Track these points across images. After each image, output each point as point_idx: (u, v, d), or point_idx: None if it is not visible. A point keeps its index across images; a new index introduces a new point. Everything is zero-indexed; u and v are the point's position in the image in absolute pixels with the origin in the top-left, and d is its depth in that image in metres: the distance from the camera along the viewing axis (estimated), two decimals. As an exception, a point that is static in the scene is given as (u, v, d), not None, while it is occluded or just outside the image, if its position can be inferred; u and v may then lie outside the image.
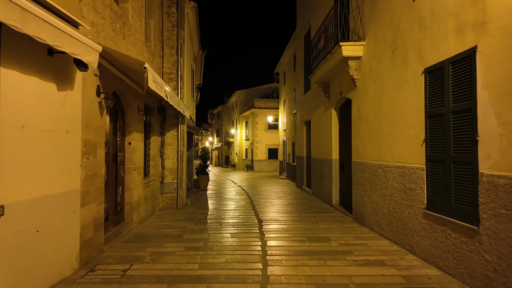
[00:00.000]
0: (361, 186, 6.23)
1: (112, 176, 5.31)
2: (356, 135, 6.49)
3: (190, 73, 10.92)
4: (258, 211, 7.83)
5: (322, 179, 9.15)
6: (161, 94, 4.79)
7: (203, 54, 12.88)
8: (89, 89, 4.04)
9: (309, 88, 10.88)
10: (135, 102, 6.04)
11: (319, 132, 9.52)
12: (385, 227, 5.22)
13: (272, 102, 26.97)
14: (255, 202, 9.26)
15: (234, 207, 8.38)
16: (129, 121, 5.86)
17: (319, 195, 9.51)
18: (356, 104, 6.51)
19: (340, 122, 8.05)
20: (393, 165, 4.96)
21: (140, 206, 6.31)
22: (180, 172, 8.21)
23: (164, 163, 8.14)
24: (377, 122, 5.55)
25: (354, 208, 6.59)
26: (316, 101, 9.89)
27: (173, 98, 5.95)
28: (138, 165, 6.17)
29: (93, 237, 4.17)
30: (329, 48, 7.10)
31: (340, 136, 8.09)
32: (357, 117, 6.46)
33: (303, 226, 6.14)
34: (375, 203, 5.62)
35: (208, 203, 9.11)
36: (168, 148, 8.18)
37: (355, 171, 6.50)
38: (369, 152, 5.88)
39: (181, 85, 8.23)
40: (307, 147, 11.68)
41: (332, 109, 8.20)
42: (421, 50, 4.23)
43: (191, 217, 6.99)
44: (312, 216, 7.12)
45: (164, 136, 8.14)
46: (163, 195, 8.12)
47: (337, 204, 8.10)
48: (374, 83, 5.69)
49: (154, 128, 7.51)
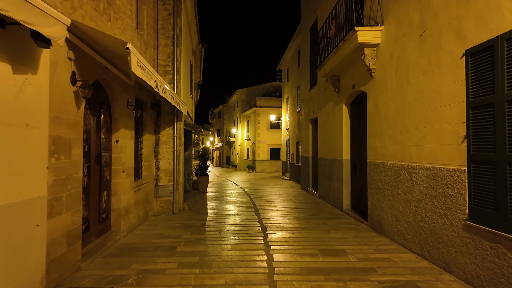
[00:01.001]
0: (379, 190, 5.52)
1: (95, 179, 4.62)
2: (373, 132, 5.77)
3: (188, 68, 10.23)
4: (261, 216, 7.12)
5: (330, 181, 8.44)
6: (150, 83, 4.09)
7: (202, 49, 12.18)
8: (61, 75, 3.34)
9: (315, 84, 10.17)
10: (124, 95, 5.35)
11: (327, 130, 8.81)
12: (410, 238, 4.50)
13: (274, 100, 26.27)
14: (258, 206, 8.55)
15: (236, 212, 7.67)
16: (116, 116, 5.17)
17: (327, 198, 8.80)
18: (373, 97, 5.79)
19: (352, 119, 7.34)
20: (422, 166, 4.24)
21: (129, 212, 5.62)
22: (176, 173, 7.51)
23: (159, 163, 7.44)
24: (399, 117, 4.84)
25: (370, 214, 5.88)
26: (323, 97, 9.17)
27: (166, 90, 5.26)
28: (127, 166, 5.47)
29: (66, 254, 3.47)
30: (341, 35, 6.39)
31: (351, 134, 7.37)
32: (374, 112, 5.75)
33: (314, 235, 5.43)
34: (397, 209, 4.91)
35: (208, 207, 8.41)
36: (163, 147, 7.48)
37: (372, 173, 5.79)
38: (389, 151, 5.16)
39: (177, 78, 7.54)
40: (313, 147, 10.97)
41: (343, 105, 7.49)
42: (460, 28, 3.52)
43: (188, 224, 6.29)
44: (322, 223, 6.41)
45: (159, 135, 7.45)
46: (157, 199, 7.42)
47: (348, 209, 7.38)
48: (395, 72, 4.98)
49: (147, 125, 6.82)
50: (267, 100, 26.40)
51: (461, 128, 3.50)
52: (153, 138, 7.27)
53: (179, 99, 6.53)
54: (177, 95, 6.97)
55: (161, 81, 4.74)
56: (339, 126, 7.73)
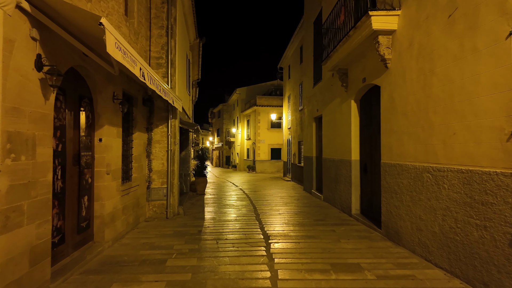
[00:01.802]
0: (395, 195, 4.92)
1: (73, 183, 4.02)
2: (388, 129, 5.17)
3: (184, 62, 9.63)
4: (263, 222, 6.52)
5: (337, 183, 7.84)
6: (134, 71, 3.49)
7: (200, 43, 11.57)
8: (20, 57, 2.74)
9: (320, 79, 9.56)
10: (109, 88, 4.75)
11: (333, 128, 8.21)
12: (436, 252, 3.90)
13: (275, 99, 25.68)
14: (259, 209, 7.95)
15: (235, 217, 7.07)
16: (100, 111, 4.57)
17: (333, 201, 8.20)
18: (388, 91, 5.19)
19: (362, 116, 6.73)
20: (451, 168, 3.64)
21: (116, 219, 5.02)
22: (170, 175, 6.91)
23: (152, 164, 6.84)
24: (422, 111, 4.24)
25: (384, 221, 5.28)
26: (329, 93, 8.57)
27: (156, 82, 4.66)
28: (113, 167, 4.87)
29: (29, 275, 2.87)
30: (351, 24, 5.79)
31: (361, 133, 6.77)
32: (389, 107, 5.15)
33: (322, 246, 4.83)
34: (418, 217, 4.30)
35: (205, 211, 7.81)
36: (156, 147, 6.88)
37: (387, 175, 5.19)
38: (408, 151, 4.56)
39: (171, 72, 6.94)
40: (317, 146, 10.36)
41: (351, 101, 6.88)
42: (506, 3, 2.92)
43: (182, 231, 5.69)
44: (330, 230, 5.81)
45: (151, 133, 6.85)
46: (150, 203, 6.82)
47: (357, 214, 6.78)
48: (416, 61, 4.38)
49: (138, 123, 6.22)
50: (268, 99, 25.81)
51: (506, 123, 2.90)
52: (144, 136, 6.67)
53: (173, 94, 5.93)
54: (171, 90, 6.37)
55: (149, 71, 4.14)
56: (347, 124, 7.13)
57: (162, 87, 4.93)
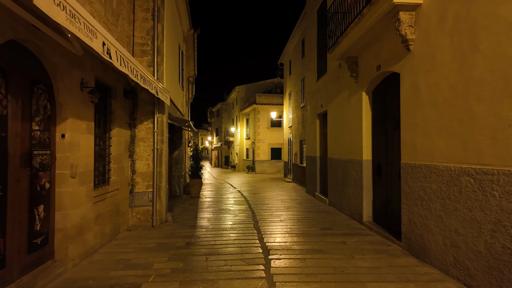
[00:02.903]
0: (420, 202, 4.09)
1: (21, 189, 3.19)
2: (411, 124, 4.35)
3: (176, 53, 8.80)
4: (262, 230, 5.70)
5: (345, 186, 7.01)
6: (92, 45, 2.67)
7: (195, 34, 10.74)
8: None
9: (324, 72, 8.74)
10: (75, 73, 3.92)
11: (340, 125, 7.38)
12: (481, 277, 3.07)
13: (275, 97, 24.85)
14: (258, 215, 7.12)
15: (231, 224, 6.24)
16: (62, 100, 3.74)
17: (340, 206, 7.37)
18: (410, 78, 4.37)
19: (375, 110, 5.91)
20: (505, 171, 2.81)
21: (85, 231, 4.19)
22: (157, 177, 6.08)
23: (135, 165, 6.01)
24: (459, 99, 3.41)
25: (405, 232, 4.45)
26: (335, 86, 7.75)
27: (132, 65, 3.85)
28: (81, 169, 4.05)
29: None
30: (363, 2, 4.96)
31: (374, 129, 5.95)
32: (412, 97, 4.33)
33: (333, 264, 4.00)
34: (453, 231, 3.48)
35: (197, 217, 6.98)
36: (140, 145, 6.05)
37: (409, 178, 4.36)
38: (439, 149, 3.74)
39: (158, 60, 6.10)
40: (322, 145, 9.54)
41: (362, 93, 6.06)
42: None
43: (167, 244, 4.86)
44: (341, 241, 4.98)
45: (135, 129, 6.01)
46: (133, 209, 5.98)
47: (370, 221, 5.95)
48: (451, 38, 3.55)
49: (117, 117, 5.39)
50: (268, 97, 24.98)
51: None
52: (126, 133, 5.84)
53: (156, 83, 5.10)
54: (156, 80, 5.55)
55: (119, 49, 3.31)
56: (357, 119, 6.31)
57: (140, 72, 4.10)
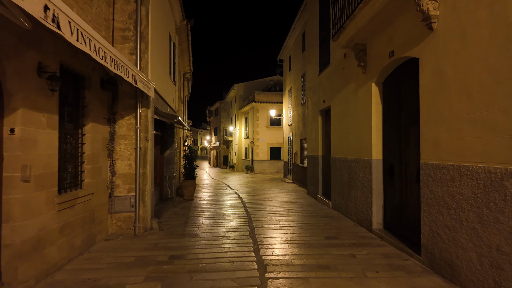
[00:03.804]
0: (447, 210, 3.41)
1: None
2: (434, 117, 3.66)
3: (166, 44, 8.10)
4: (258, 240, 5.02)
5: (351, 189, 6.33)
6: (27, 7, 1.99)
7: (188, 25, 10.03)
8: None
9: (327, 64, 8.05)
10: (29, 54, 3.23)
11: (345, 121, 6.70)
12: (536, 309, 2.39)
13: (274, 95, 24.16)
14: (255, 221, 6.44)
15: (224, 232, 5.56)
16: (11, 87, 3.06)
17: (345, 210, 6.69)
18: (432, 62, 3.68)
19: (386, 103, 5.23)
20: None
21: (45, 245, 3.50)
22: (140, 179, 5.40)
23: (115, 166, 5.32)
24: (501, 85, 2.73)
25: (426, 245, 3.77)
26: (339, 79, 7.06)
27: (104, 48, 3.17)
28: (39, 171, 3.37)
29: None
30: (376, -25, 4.28)
31: (385, 125, 5.27)
32: (435, 85, 3.64)
33: (342, 284, 3.32)
34: (495, 248, 2.80)
35: (187, 223, 6.29)
36: (121, 143, 5.37)
37: (431, 182, 3.68)
38: (473, 146, 3.05)
39: (141, 47, 5.41)
40: (324, 144, 8.86)
41: (372, 84, 5.38)
42: None
43: (148, 258, 4.18)
44: (349, 254, 4.30)
45: (114, 125, 5.33)
46: (113, 216, 5.30)
47: (380, 229, 5.27)
48: (490, 9, 2.87)
49: (92, 111, 4.70)
50: (267, 95, 24.29)
51: None
52: (105, 130, 5.15)
53: (136, 71, 4.40)
54: (137, 69, 4.87)
55: (79, 24, 2.62)
56: (365, 114, 5.62)
57: (110, 54, 3.41)
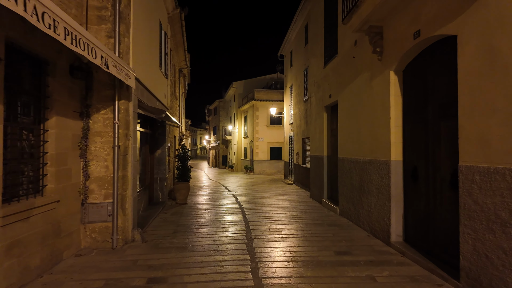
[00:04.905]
0: (502, 227, 2.62)
1: None
2: (481, 107, 2.88)
3: (155, 31, 7.30)
4: (257, 255, 4.23)
5: (363, 194, 5.54)
6: None
7: (181, 14, 9.22)
8: None
9: (334, 54, 7.26)
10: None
11: (356, 117, 5.92)
12: None
13: (275, 93, 23.35)
14: (254, 230, 5.66)
15: (218, 245, 4.77)
16: None
17: (356, 218, 5.90)
18: (477, 39, 2.89)
19: (408, 94, 4.44)
20: None
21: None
22: (120, 183, 4.61)
23: (89, 168, 4.53)
24: None
25: (468, 268, 2.98)
26: (349, 70, 6.27)
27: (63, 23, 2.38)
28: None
29: None
30: None
31: (406, 120, 4.49)
32: (482, 66, 2.85)
33: (366, 325, 2.54)
34: None
35: (176, 232, 5.51)
36: (96, 141, 4.58)
37: (475, 189, 2.89)
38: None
39: (121, 29, 4.62)
40: (330, 143, 8.07)
41: (390, 72, 4.60)
42: None
43: (121, 281, 3.39)
44: (367, 276, 3.51)
45: (88, 120, 4.54)
46: (86, 226, 4.51)
47: (400, 242, 4.48)
48: None
49: (57, 103, 3.91)
50: (267, 92, 23.48)
51: None
52: (76, 125, 4.36)
53: (108, 53, 3.61)
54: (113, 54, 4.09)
55: None
56: (381, 107, 4.84)
57: (70, 28, 2.62)
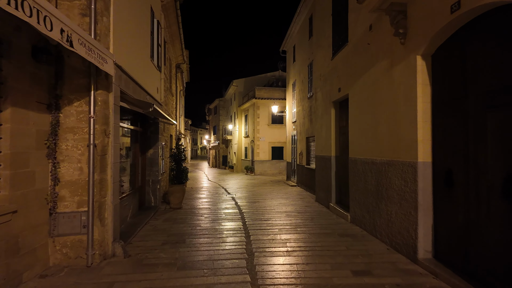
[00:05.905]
0: None
1: None
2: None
3: (145, 16, 6.56)
4: (260, 277, 3.51)
5: (381, 200, 4.82)
6: None
7: (177, 2, 8.50)
8: None
9: (345, 43, 6.53)
10: None
11: (371, 111, 5.19)
12: None
13: (276, 91, 22.60)
14: (255, 241, 4.94)
15: (211, 262, 4.05)
16: None
17: (371, 227, 5.17)
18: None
19: (439, 82, 3.71)
20: None
21: None
22: (97, 189, 3.89)
23: (59, 171, 3.81)
24: None
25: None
26: (363, 58, 5.54)
27: None
28: None
29: None
30: None
31: (436, 114, 3.75)
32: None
33: None
34: None
35: (166, 244, 4.79)
36: (68, 139, 3.86)
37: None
38: None
39: (98, 8, 3.88)
40: (339, 142, 7.34)
41: (417, 57, 3.87)
42: None
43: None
44: (399, 309, 2.79)
45: (58, 114, 3.82)
46: (55, 240, 3.79)
47: (429, 259, 3.75)
48: None
49: (14, 91, 3.20)
50: (268, 90, 22.73)
51: None
52: (42, 119, 3.64)
53: (72, 27, 2.89)
54: (78, 28, 3.37)
55: None
56: (405, 99, 4.11)
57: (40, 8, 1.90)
